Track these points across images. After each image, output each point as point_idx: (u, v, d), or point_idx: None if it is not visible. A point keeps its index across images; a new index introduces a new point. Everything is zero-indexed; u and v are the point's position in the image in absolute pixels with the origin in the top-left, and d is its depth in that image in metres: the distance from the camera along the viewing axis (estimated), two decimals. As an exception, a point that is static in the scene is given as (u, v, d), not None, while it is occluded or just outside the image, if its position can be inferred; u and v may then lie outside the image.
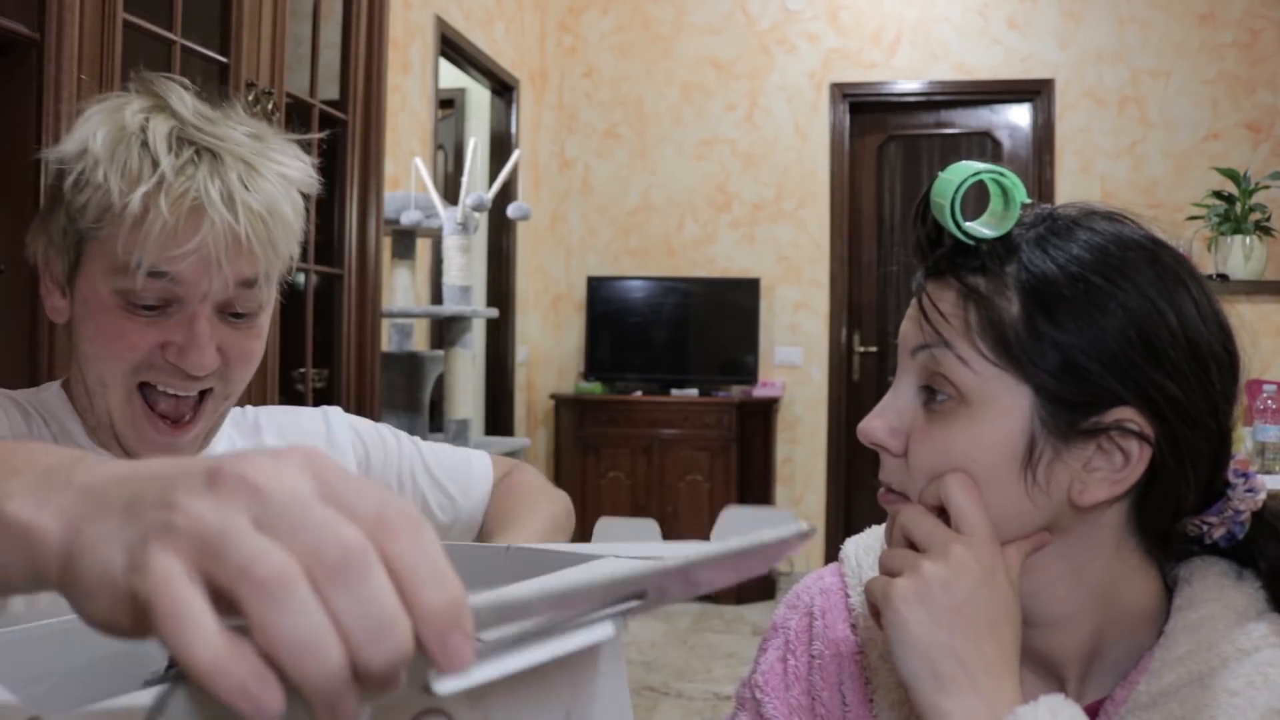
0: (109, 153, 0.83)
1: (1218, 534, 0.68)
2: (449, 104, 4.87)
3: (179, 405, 0.89)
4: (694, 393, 4.76)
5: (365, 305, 2.46)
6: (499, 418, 4.62)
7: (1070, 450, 0.63)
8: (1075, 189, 4.68)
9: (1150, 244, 0.66)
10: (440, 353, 3.12)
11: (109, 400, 0.88)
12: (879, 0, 4.89)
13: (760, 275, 4.94)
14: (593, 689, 0.48)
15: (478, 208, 3.02)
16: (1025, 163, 4.81)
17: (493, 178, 3.91)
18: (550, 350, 5.18)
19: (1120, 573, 0.67)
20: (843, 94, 4.93)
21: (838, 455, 4.96)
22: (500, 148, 4.61)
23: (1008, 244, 0.65)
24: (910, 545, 0.65)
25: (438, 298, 3.67)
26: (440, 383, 3.08)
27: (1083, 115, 4.74)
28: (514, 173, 3.90)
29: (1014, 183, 0.65)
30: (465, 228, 3.03)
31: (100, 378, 0.88)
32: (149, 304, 0.85)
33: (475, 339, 3.78)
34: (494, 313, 3.28)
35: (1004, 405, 0.63)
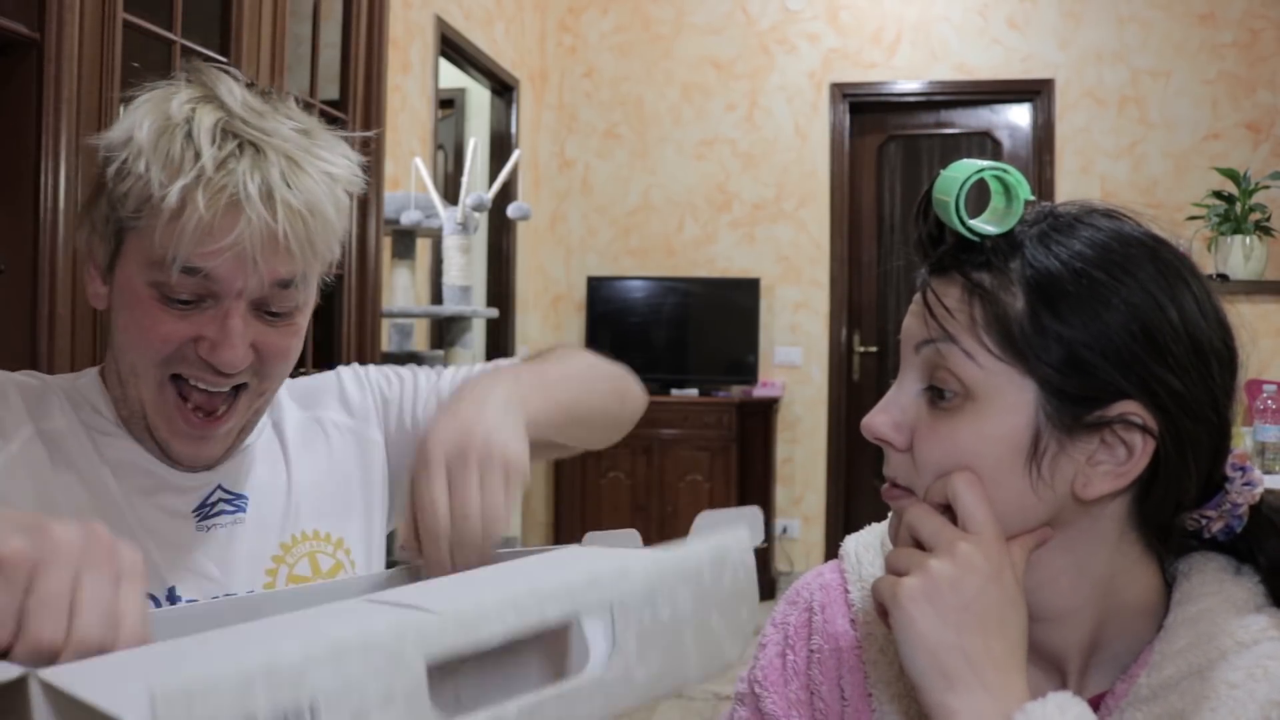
0: (152, 142, 0.82)
1: (1216, 527, 0.68)
2: (449, 104, 4.87)
3: (212, 399, 0.88)
4: (694, 393, 4.76)
5: (365, 305, 2.47)
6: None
7: (1074, 444, 0.64)
8: (1075, 189, 4.68)
9: (1151, 241, 0.67)
10: (440, 353, 3.12)
11: (141, 389, 0.88)
12: (879, 0, 4.89)
13: (760, 275, 4.94)
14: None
15: (478, 208, 3.02)
16: (1025, 163, 4.81)
17: (493, 178, 3.91)
18: (550, 350, 5.17)
19: (1121, 566, 0.68)
20: (843, 94, 4.93)
21: (838, 455, 4.96)
22: (500, 148, 4.62)
23: (1011, 240, 0.66)
24: (916, 544, 0.65)
25: (438, 298, 3.67)
26: (440, 383, 3.08)
27: (1083, 115, 4.74)
28: (514, 173, 3.90)
29: (1017, 179, 0.65)
30: (465, 228, 3.03)
31: (133, 367, 0.88)
32: (183, 298, 0.84)
33: (475, 339, 3.78)
34: (494, 313, 3.28)
35: (1009, 400, 0.64)
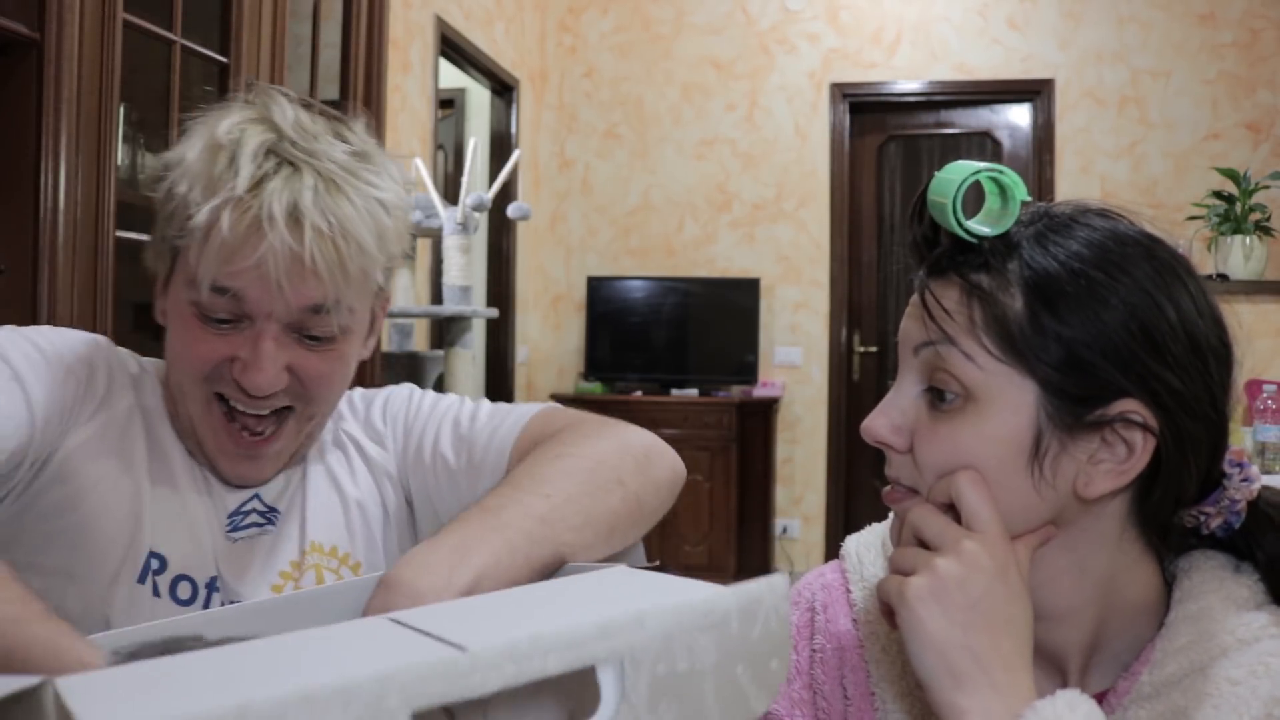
0: (197, 164, 0.83)
1: (1215, 524, 0.69)
2: (449, 104, 4.87)
3: (259, 420, 0.88)
4: (694, 393, 4.76)
5: (365, 305, 2.46)
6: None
7: (1075, 443, 0.64)
8: (1075, 189, 4.68)
9: (1146, 240, 0.67)
10: (440, 353, 3.12)
11: (189, 406, 0.89)
12: (879, 0, 4.89)
13: (760, 275, 4.94)
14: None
15: (478, 208, 3.02)
16: (1025, 163, 4.81)
17: (493, 178, 3.91)
18: (550, 350, 5.18)
19: (1122, 564, 0.68)
20: (843, 94, 4.93)
21: (838, 455, 4.96)
22: (500, 148, 4.62)
23: (1007, 241, 0.66)
24: (920, 544, 0.65)
25: (438, 298, 3.67)
26: (440, 383, 3.08)
27: (1083, 115, 4.74)
28: (514, 173, 3.90)
29: (1014, 180, 0.65)
30: (465, 228, 3.03)
31: (180, 384, 0.89)
32: (220, 317, 0.85)
33: (475, 339, 3.78)
34: (494, 313, 3.28)
35: (1010, 400, 0.64)
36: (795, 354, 4.98)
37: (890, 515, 0.81)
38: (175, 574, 0.87)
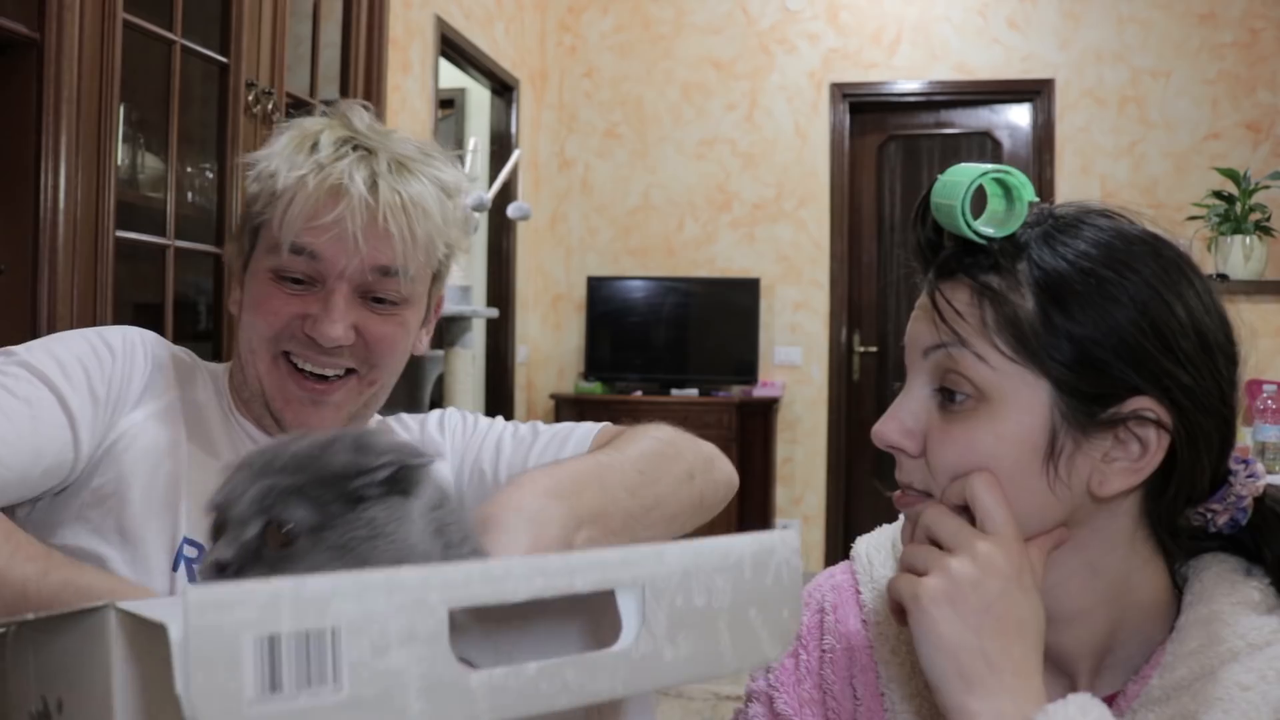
0: (284, 151, 0.94)
1: (1222, 520, 0.69)
2: (449, 104, 4.87)
3: (324, 380, 0.96)
4: (694, 393, 4.76)
5: (365, 305, 2.46)
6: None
7: (1090, 442, 0.64)
8: (1075, 189, 4.68)
9: (1151, 238, 0.67)
10: (440, 353, 3.12)
11: (258, 365, 0.96)
12: (879, 0, 4.89)
13: (760, 275, 4.94)
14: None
15: (478, 208, 3.02)
16: (1025, 163, 4.81)
17: (493, 178, 3.91)
18: (550, 350, 5.18)
19: (1134, 565, 0.68)
20: (843, 94, 4.93)
21: (838, 455, 4.96)
22: (500, 148, 4.61)
23: (1015, 242, 0.66)
24: (933, 544, 0.64)
25: (438, 298, 3.66)
26: (440, 383, 3.08)
27: (1083, 115, 4.74)
28: (514, 173, 3.90)
29: (1021, 181, 0.65)
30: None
31: (250, 344, 0.96)
32: (295, 277, 0.93)
33: (475, 339, 3.78)
34: (494, 313, 3.28)
35: (1024, 401, 0.64)
36: (795, 354, 4.98)
37: (901, 518, 0.81)
38: None
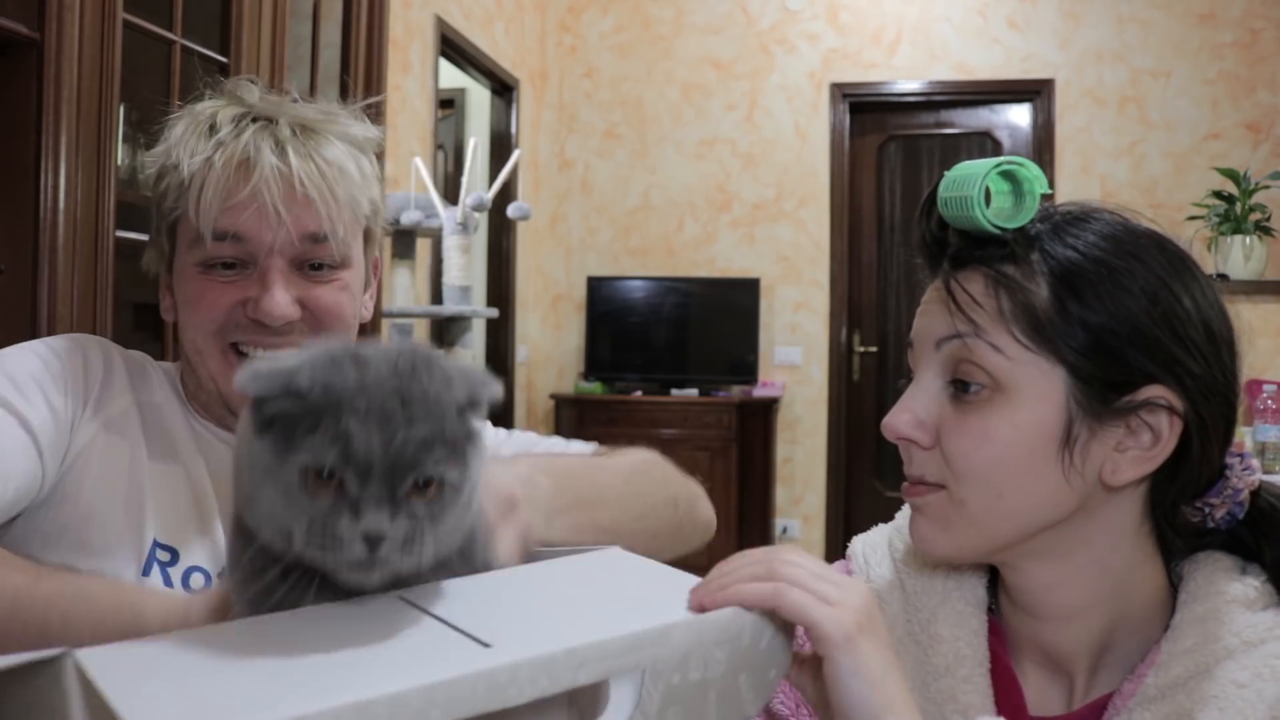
0: (183, 139, 0.90)
1: (1220, 514, 0.69)
2: (449, 104, 4.87)
3: None
4: (694, 393, 4.76)
5: (365, 305, 2.46)
6: (499, 418, 4.61)
7: (1104, 430, 0.65)
8: (1075, 189, 4.68)
9: (1155, 234, 0.69)
10: (440, 353, 3.11)
11: (208, 365, 0.92)
12: (879, 0, 4.89)
13: (760, 275, 4.94)
14: None
15: (478, 208, 3.02)
16: (1025, 163, 4.80)
17: (493, 178, 3.91)
18: (550, 350, 5.17)
19: (1136, 561, 0.69)
20: (843, 94, 4.93)
21: (838, 455, 4.95)
22: (500, 148, 4.61)
23: (1026, 234, 0.67)
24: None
25: (438, 298, 3.66)
26: (440, 383, 3.07)
27: (1083, 115, 4.74)
28: (514, 173, 3.90)
29: (1035, 174, 0.66)
30: (465, 228, 3.03)
31: (195, 344, 0.92)
32: (225, 262, 0.89)
33: (475, 339, 3.78)
34: (494, 313, 3.28)
35: (1040, 389, 0.65)
36: (795, 354, 4.98)
37: (897, 515, 0.81)
38: (187, 566, 0.88)
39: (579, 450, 1.03)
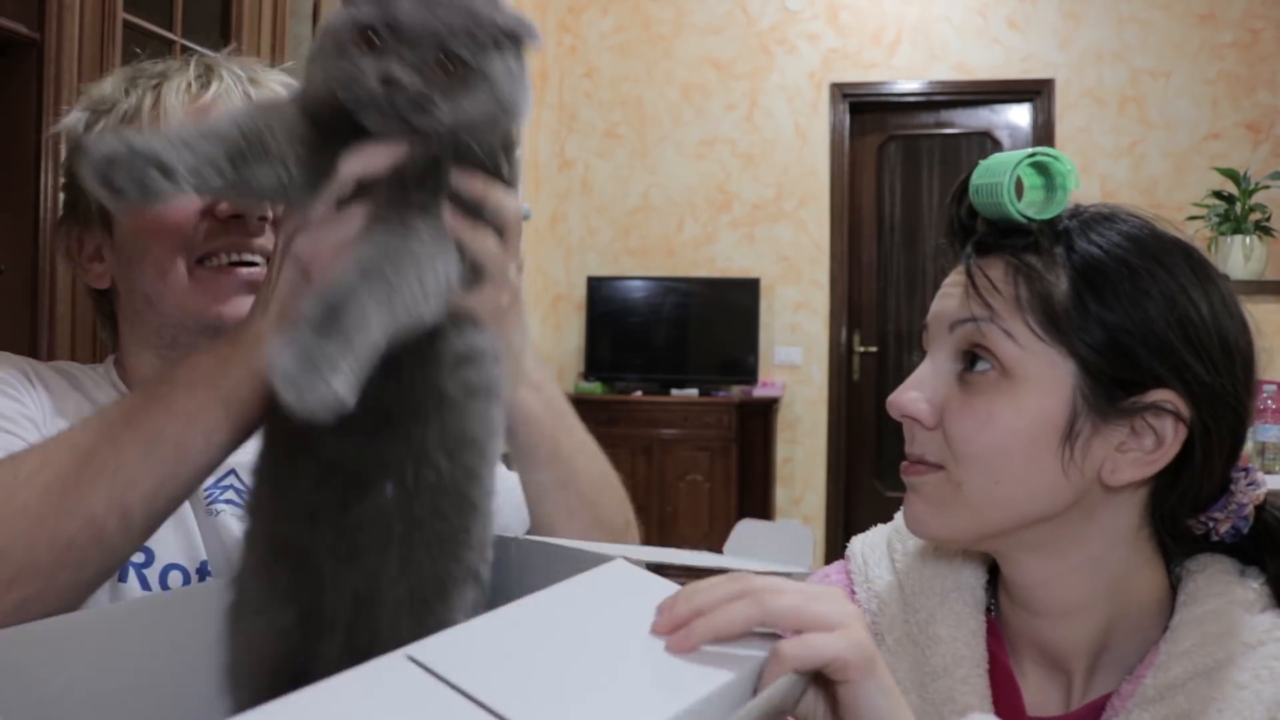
0: (121, 84, 0.91)
1: (1224, 529, 0.70)
2: (449, 104, 4.87)
3: (253, 269, 0.89)
4: (694, 393, 4.75)
5: (365, 305, 2.46)
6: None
7: (1107, 429, 0.65)
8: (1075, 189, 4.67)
9: (1182, 242, 0.70)
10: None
11: (175, 291, 0.88)
12: (879, 0, 4.89)
13: (760, 275, 4.94)
14: None
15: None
16: (1025, 163, 4.80)
17: (493, 178, 3.90)
18: (550, 350, 5.18)
19: (1135, 564, 0.69)
20: (843, 94, 4.93)
21: (838, 455, 4.95)
22: (500, 148, 4.61)
23: (1053, 227, 0.68)
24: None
25: (438, 298, 3.66)
26: (440, 383, 3.07)
27: (1083, 115, 4.74)
28: (514, 173, 3.89)
29: (1069, 168, 0.67)
30: (465, 228, 3.02)
31: (160, 273, 0.88)
32: None
33: (475, 339, 3.77)
34: (494, 313, 3.27)
35: (1048, 380, 0.65)
36: (795, 354, 4.98)
37: (896, 516, 0.81)
38: (164, 564, 0.85)
39: None
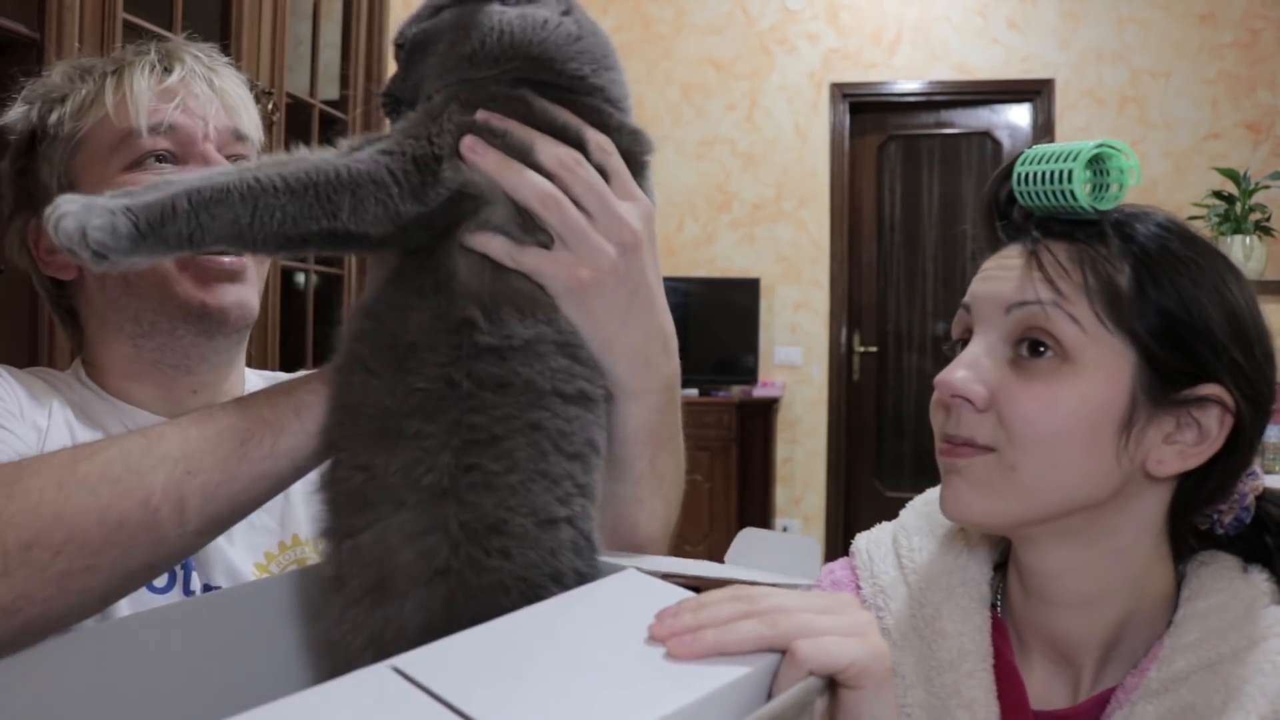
0: (73, 76, 0.89)
1: (1228, 519, 0.71)
2: (449, 104, 4.87)
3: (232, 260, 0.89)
4: (694, 393, 4.75)
5: (366, 305, 2.46)
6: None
7: (1159, 419, 0.66)
8: (1075, 189, 4.68)
9: (1208, 241, 0.71)
10: None
11: (157, 280, 0.86)
12: (879, 0, 4.89)
13: (760, 275, 4.94)
14: None
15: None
16: (1025, 163, 4.81)
17: (493, 178, 3.90)
18: (550, 351, 5.17)
19: (1154, 558, 0.70)
20: (843, 94, 4.93)
21: (838, 455, 4.95)
22: (500, 148, 4.61)
23: (1111, 218, 0.69)
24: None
25: (438, 298, 3.66)
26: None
27: (1083, 115, 4.74)
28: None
29: (1133, 163, 0.68)
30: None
31: (138, 274, 0.86)
32: (159, 157, 0.87)
33: (475, 339, 3.77)
34: (494, 313, 3.28)
35: (1110, 368, 0.66)
36: (795, 354, 4.98)
37: (900, 513, 0.81)
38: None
39: None
